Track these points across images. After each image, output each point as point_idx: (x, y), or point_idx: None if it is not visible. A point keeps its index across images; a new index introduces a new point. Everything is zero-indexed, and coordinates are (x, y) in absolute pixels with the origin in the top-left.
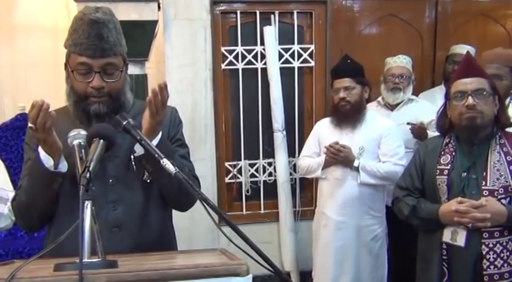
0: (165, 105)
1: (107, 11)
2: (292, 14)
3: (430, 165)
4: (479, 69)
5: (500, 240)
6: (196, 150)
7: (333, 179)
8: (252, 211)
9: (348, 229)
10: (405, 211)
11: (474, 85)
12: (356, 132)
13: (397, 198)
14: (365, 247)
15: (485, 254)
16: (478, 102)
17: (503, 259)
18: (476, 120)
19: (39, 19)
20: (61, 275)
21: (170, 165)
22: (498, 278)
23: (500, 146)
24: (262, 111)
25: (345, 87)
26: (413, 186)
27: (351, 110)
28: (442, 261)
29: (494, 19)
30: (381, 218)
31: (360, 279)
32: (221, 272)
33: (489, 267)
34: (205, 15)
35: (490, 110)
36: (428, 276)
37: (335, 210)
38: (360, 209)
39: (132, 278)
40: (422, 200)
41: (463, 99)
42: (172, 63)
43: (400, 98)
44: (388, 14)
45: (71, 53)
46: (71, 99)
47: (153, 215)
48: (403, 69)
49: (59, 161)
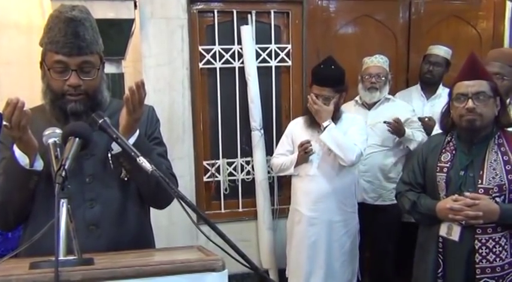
0: (142, 103)
1: (83, 9)
2: (269, 13)
3: (431, 162)
4: (482, 71)
5: (493, 236)
6: (174, 149)
7: (306, 175)
8: (231, 209)
9: (320, 225)
10: (406, 206)
11: (475, 88)
12: None
13: (400, 192)
14: (337, 242)
15: (477, 248)
16: (478, 105)
17: (495, 254)
18: (476, 122)
19: (12, 17)
20: (36, 272)
21: (146, 163)
22: (490, 272)
23: (498, 145)
24: (240, 110)
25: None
26: (416, 181)
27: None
28: (438, 253)
29: (466, 20)
30: (353, 213)
31: (332, 273)
32: (197, 267)
33: (481, 261)
34: (182, 14)
35: (490, 112)
36: (424, 266)
37: (307, 206)
38: (332, 204)
39: (107, 274)
40: (423, 196)
41: (463, 102)
42: (149, 62)
43: (377, 97)
44: (363, 15)
45: (47, 51)
46: (47, 98)
47: (130, 213)
48: (380, 68)
49: (35, 160)
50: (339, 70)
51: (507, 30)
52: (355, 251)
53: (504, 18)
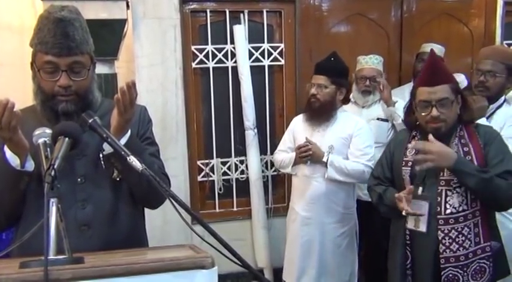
0: (133, 104)
1: (72, 10)
2: (262, 12)
3: (398, 156)
4: (443, 75)
5: (455, 226)
6: (168, 149)
7: (302, 175)
8: (225, 209)
9: (313, 225)
10: (374, 198)
11: (438, 95)
12: (327, 130)
13: (370, 186)
14: (331, 243)
15: (441, 239)
16: (442, 111)
17: (458, 243)
18: (441, 129)
19: (4, 18)
20: (26, 272)
21: (137, 162)
22: (454, 261)
23: (459, 138)
24: (233, 109)
25: (318, 85)
26: (384, 175)
27: (320, 108)
28: (405, 245)
29: (457, 18)
30: (350, 215)
31: (326, 274)
32: (187, 265)
33: (445, 251)
34: (175, 14)
35: (454, 114)
36: (394, 258)
37: (302, 206)
38: (326, 205)
39: (97, 273)
40: (389, 189)
41: (427, 109)
42: (142, 62)
43: (370, 101)
44: (355, 13)
45: (37, 52)
46: (38, 98)
47: (122, 214)
48: (374, 71)
49: (26, 160)
50: (338, 63)
51: (498, 28)
52: (352, 252)
53: (495, 16)
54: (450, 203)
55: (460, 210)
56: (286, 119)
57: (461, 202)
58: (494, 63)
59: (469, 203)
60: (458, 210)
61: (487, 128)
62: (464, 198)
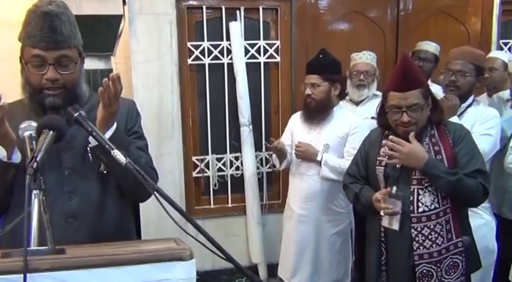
0: (117, 97)
1: (60, 4)
2: (258, 9)
3: (372, 155)
4: (414, 79)
5: (428, 223)
6: (164, 145)
7: (298, 173)
8: (220, 205)
9: (308, 223)
10: (350, 197)
11: (408, 101)
12: (324, 128)
13: (345, 185)
14: (326, 241)
15: (414, 236)
16: (412, 115)
17: (431, 240)
18: (411, 131)
19: (3, 14)
20: (6, 261)
21: (121, 155)
22: (427, 257)
23: (430, 137)
24: (228, 106)
25: (311, 84)
26: (359, 174)
27: (316, 107)
28: (380, 242)
29: (454, 17)
30: (346, 214)
31: (320, 272)
32: (165, 256)
33: (419, 248)
34: (171, 10)
35: (424, 116)
36: (370, 255)
37: (298, 203)
38: (322, 203)
39: (76, 263)
40: (365, 188)
41: (398, 113)
42: (138, 58)
43: (365, 95)
44: (352, 11)
45: (25, 46)
46: (26, 92)
47: (109, 206)
48: (368, 66)
49: (13, 152)
50: (328, 59)
51: (495, 27)
52: (346, 251)
53: (492, 15)
54: (422, 201)
55: (432, 208)
56: (282, 116)
57: (432, 200)
58: (464, 63)
59: (440, 201)
60: (430, 208)
61: (456, 125)
62: (435, 196)
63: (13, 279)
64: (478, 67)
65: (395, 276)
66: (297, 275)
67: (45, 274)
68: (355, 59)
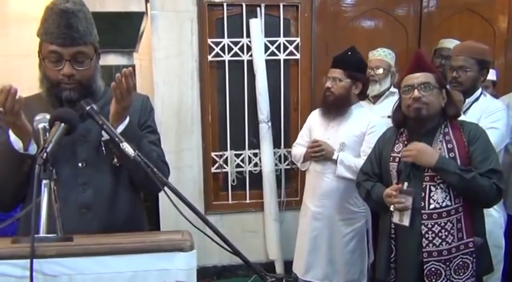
0: (130, 92)
1: (77, 1)
2: (278, 6)
3: (386, 153)
4: (427, 66)
5: (438, 221)
6: (183, 140)
7: (314, 171)
8: (238, 201)
9: (323, 221)
10: (362, 194)
11: (420, 79)
12: (341, 126)
13: (359, 182)
14: (340, 240)
15: (424, 233)
16: (424, 94)
17: (441, 238)
18: (422, 111)
19: (31, 10)
20: (15, 246)
21: (129, 148)
22: (436, 255)
23: (444, 134)
24: (248, 102)
25: (333, 78)
26: (373, 171)
27: (334, 101)
28: (390, 239)
29: (480, 14)
30: (361, 213)
31: (334, 270)
32: (166, 247)
33: (428, 245)
34: (192, 7)
35: (436, 102)
36: (380, 252)
37: (313, 201)
38: (337, 202)
39: (80, 250)
40: (377, 185)
41: (410, 92)
42: (159, 55)
43: (376, 90)
44: (373, 8)
45: (43, 42)
46: (44, 86)
47: (122, 198)
48: (379, 61)
49: (29, 144)
50: (355, 57)
51: None
52: (362, 251)
53: None
54: (434, 198)
55: (443, 206)
56: (301, 114)
57: (444, 198)
58: (465, 58)
59: (452, 199)
60: (442, 205)
61: (472, 124)
62: (447, 194)
63: (21, 263)
64: (480, 61)
65: (404, 274)
66: (310, 272)
67: (51, 260)
68: (369, 56)
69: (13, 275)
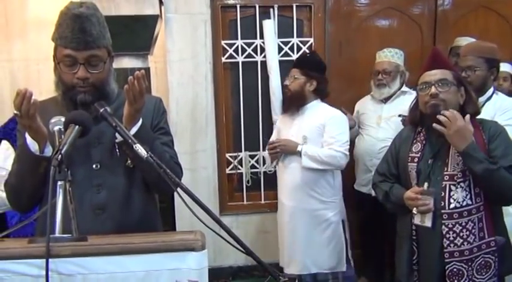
0: (142, 94)
1: (90, 6)
2: (292, 7)
3: (404, 153)
4: (444, 62)
5: (459, 220)
6: (198, 142)
7: (282, 167)
8: (253, 201)
9: (296, 213)
10: (380, 196)
11: (438, 76)
12: (302, 122)
13: (375, 183)
14: (316, 230)
15: (445, 233)
16: (441, 91)
17: (462, 238)
18: (439, 107)
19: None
20: (31, 246)
21: (142, 150)
22: (458, 255)
23: None
24: (262, 103)
25: (291, 76)
26: (390, 172)
27: (290, 97)
28: (412, 241)
29: (496, 11)
30: (332, 203)
31: (312, 261)
32: (177, 246)
33: (449, 246)
34: (206, 10)
35: (454, 99)
36: (401, 254)
37: (285, 195)
38: (306, 193)
39: (94, 250)
40: (395, 186)
41: (427, 89)
42: (173, 57)
43: (386, 93)
44: (387, 7)
45: (58, 46)
46: (59, 89)
47: (135, 199)
48: (386, 64)
49: (45, 146)
50: (313, 58)
51: None
52: (338, 241)
53: None
54: (454, 197)
55: (464, 205)
56: None
57: (465, 197)
58: (473, 58)
59: (473, 198)
60: (462, 204)
61: (491, 123)
62: (468, 193)
63: (37, 263)
64: (489, 60)
65: (426, 275)
66: (291, 265)
67: (66, 260)
68: (376, 57)
69: (29, 274)
